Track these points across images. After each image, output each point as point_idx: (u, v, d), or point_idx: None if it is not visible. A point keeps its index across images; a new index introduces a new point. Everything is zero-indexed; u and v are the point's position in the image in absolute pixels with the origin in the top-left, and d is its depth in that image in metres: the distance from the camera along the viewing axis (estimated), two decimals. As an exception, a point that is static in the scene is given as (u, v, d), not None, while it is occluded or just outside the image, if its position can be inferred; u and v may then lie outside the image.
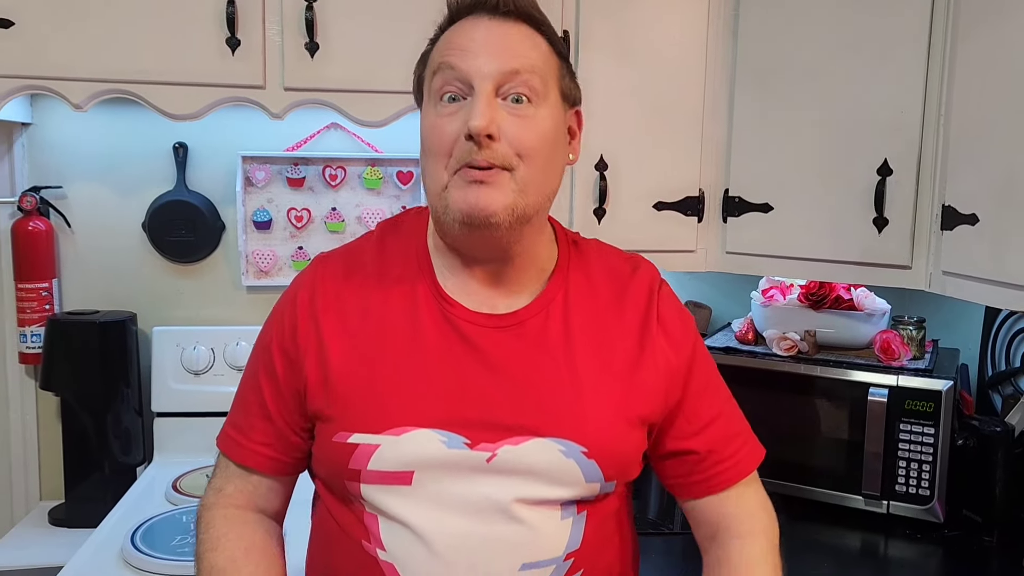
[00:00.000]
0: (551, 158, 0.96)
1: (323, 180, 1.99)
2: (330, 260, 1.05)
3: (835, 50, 1.57)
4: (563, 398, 0.95)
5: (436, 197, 0.94)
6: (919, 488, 1.60)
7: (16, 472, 1.92)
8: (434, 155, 0.93)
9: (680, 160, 1.74)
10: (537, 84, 0.93)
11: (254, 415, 1.02)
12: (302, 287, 1.02)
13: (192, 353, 1.90)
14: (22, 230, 1.84)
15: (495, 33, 0.94)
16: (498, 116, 0.90)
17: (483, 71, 0.91)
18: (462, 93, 0.92)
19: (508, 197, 0.91)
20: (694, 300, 2.12)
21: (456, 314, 0.97)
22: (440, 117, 0.93)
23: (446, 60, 0.93)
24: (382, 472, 0.93)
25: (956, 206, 1.42)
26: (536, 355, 0.96)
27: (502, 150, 0.90)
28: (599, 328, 1.00)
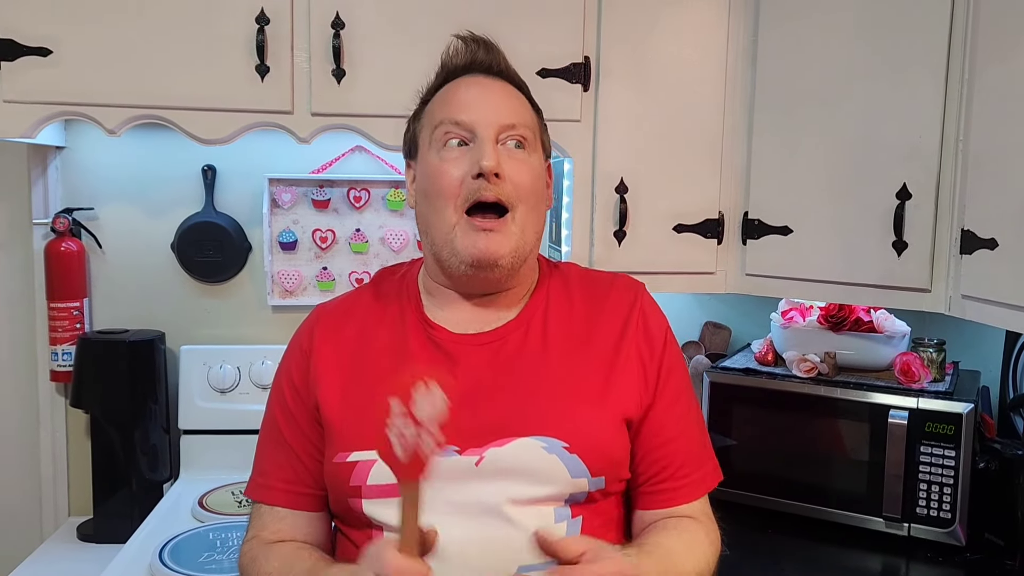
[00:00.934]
0: (540, 200, 1.08)
1: (348, 202, 2.03)
2: (328, 305, 1.16)
3: (853, 75, 1.59)
4: (542, 398, 1.01)
5: (442, 237, 1.03)
6: (940, 511, 1.60)
7: (46, 488, 1.96)
8: (442, 196, 1.02)
9: (700, 183, 1.76)
10: (529, 136, 1.06)
11: (275, 453, 1.09)
12: (303, 332, 1.13)
13: (219, 372, 1.94)
14: (55, 251, 1.89)
15: (492, 90, 1.07)
16: (501, 157, 1.02)
17: (487, 121, 1.03)
18: (465, 140, 1.03)
19: (512, 241, 1.02)
20: (713, 321, 2.13)
21: (440, 336, 1.06)
22: (445, 162, 1.03)
23: (449, 116, 1.04)
24: (381, 486, 0.98)
25: (975, 230, 1.43)
26: (517, 363, 1.04)
27: (506, 188, 1.01)
28: (577, 332, 1.07)
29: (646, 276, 1.73)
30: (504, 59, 1.11)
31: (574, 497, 1.00)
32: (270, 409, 1.12)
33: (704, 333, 2.13)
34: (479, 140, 1.02)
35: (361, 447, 1.00)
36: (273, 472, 1.08)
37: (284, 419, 1.09)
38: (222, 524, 1.66)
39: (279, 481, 1.08)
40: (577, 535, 0.99)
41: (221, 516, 1.70)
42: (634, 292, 1.13)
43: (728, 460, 1.77)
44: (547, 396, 1.02)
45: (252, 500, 1.11)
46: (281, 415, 1.09)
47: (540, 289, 1.11)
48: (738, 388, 1.79)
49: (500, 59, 1.10)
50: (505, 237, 1.01)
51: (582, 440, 1.00)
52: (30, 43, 1.53)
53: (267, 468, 1.09)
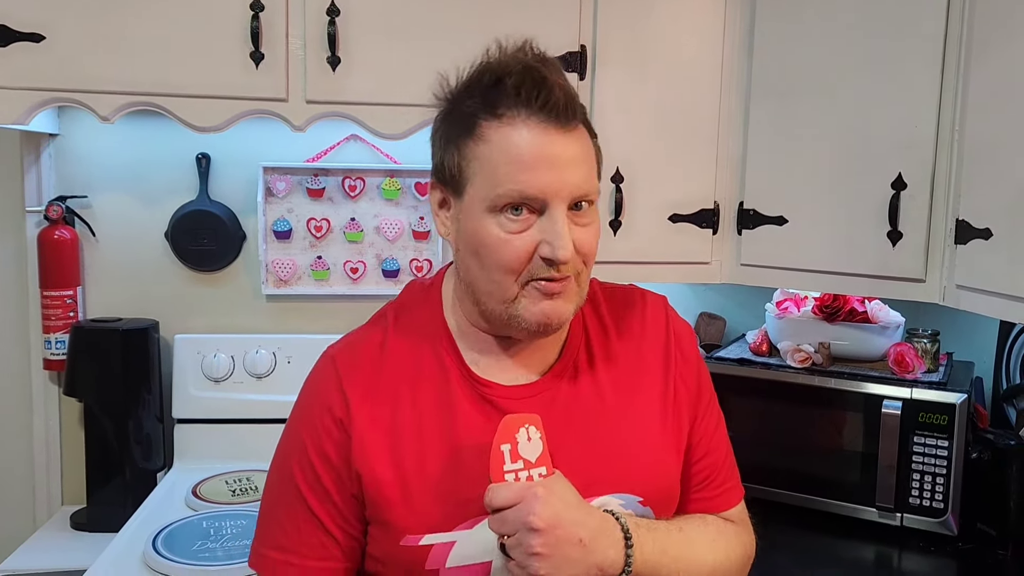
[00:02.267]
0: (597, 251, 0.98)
1: (342, 191, 2.02)
2: (347, 357, 1.00)
3: (849, 66, 1.59)
4: (608, 452, 0.98)
5: (501, 305, 0.93)
6: (933, 501, 1.61)
7: (39, 477, 1.95)
8: (504, 270, 0.91)
9: (695, 173, 1.76)
10: (593, 186, 0.94)
11: (305, 532, 0.96)
12: (327, 389, 0.97)
13: (212, 361, 1.93)
14: (48, 239, 1.88)
15: (566, 152, 0.90)
16: (570, 227, 0.90)
17: (561, 194, 0.89)
18: (529, 208, 0.90)
19: (574, 303, 0.94)
20: (708, 312, 2.14)
21: (492, 393, 0.97)
22: (508, 233, 0.90)
23: (517, 186, 0.88)
24: (461, 568, 0.93)
25: (970, 220, 1.44)
26: (574, 415, 0.98)
27: (575, 262, 0.92)
28: (625, 372, 1.02)
29: (641, 266, 1.76)
30: (573, 97, 0.92)
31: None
32: (290, 479, 0.97)
33: (699, 324, 2.13)
34: (550, 215, 0.89)
35: (434, 529, 0.92)
36: (298, 550, 0.96)
37: (313, 495, 0.96)
38: (216, 513, 1.66)
39: (306, 559, 0.96)
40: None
41: (215, 505, 1.70)
42: (663, 311, 1.08)
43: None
44: (612, 449, 0.98)
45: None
46: (309, 491, 0.96)
47: (576, 326, 1.03)
48: (733, 379, 1.79)
49: (572, 102, 0.91)
50: (568, 300, 0.93)
51: (656, 492, 0.99)
52: (23, 28, 1.52)
53: (288, 545, 0.96)
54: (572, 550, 0.86)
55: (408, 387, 0.97)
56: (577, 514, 0.88)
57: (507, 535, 0.87)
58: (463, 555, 0.92)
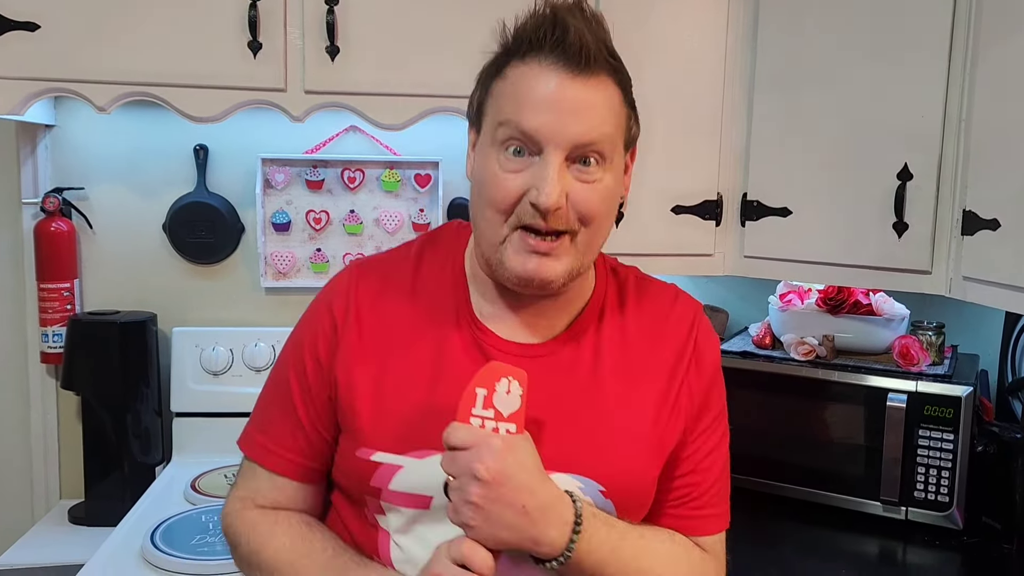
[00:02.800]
0: (610, 216, 0.95)
1: (342, 182, 2.00)
2: (367, 270, 1.03)
3: (854, 55, 1.57)
4: (588, 434, 0.95)
5: (491, 248, 0.92)
6: (938, 494, 1.59)
7: (37, 470, 1.94)
8: (493, 207, 0.90)
9: (698, 164, 1.74)
10: (607, 150, 0.90)
11: (284, 421, 1.01)
12: (338, 295, 1.01)
13: (211, 354, 1.92)
14: (44, 231, 1.86)
15: (574, 97, 0.88)
16: (566, 183, 0.88)
17: (557, 139, 0.87)
18: (529, 150, 0.89)
19: (567, 264, 0.91)
20: (711, 304, 2.12)
21: (488, 342, 0.97)
22: (503, 171, 0.89)
23: (515, 119, 0.88)
24: (403, 494, 0.94)
25: (977, 211, 1.42)
26: (566, 387, 0.96)
27: (567, 216, 0.89)
28: (631, 361, 0.99)
29: (643, 258, 1.73)
30: (600, 33, 0.91)
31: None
32: (284, 370, 1.02)
33: (701, 316, 2.12)
34: (544, 160, 0.87)
35: (387, 448, 0.93)
36: (280, 439, 1.01)
37: (299, 390, 1.00)
38: (215, 507, 1.65)
39: (286, 450, 1.00)
40: None
41: (214, 499, 1.69)
42: (692, 316, 1.03)
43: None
44: (593, 432, 0.95)
45: (249, 457, 1.03)
46: (297, 385, 1.00)
47: (595, 299, 1.01)
48: (735, 372, 1.77)
49: (593, 39, 0.88)
50: (558, 261, 0.90)
51: (621, 487, 0.95)
52: (17, 17, 1.50)
53: (273, 432, 1.01)
54: (510, 513, 0.83)
55: (410, 314, 0.98)
56: (529, 480, 0.84)
57: (453, 476, 0.85)
58: (407, 482, 0.93)
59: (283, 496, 1.02)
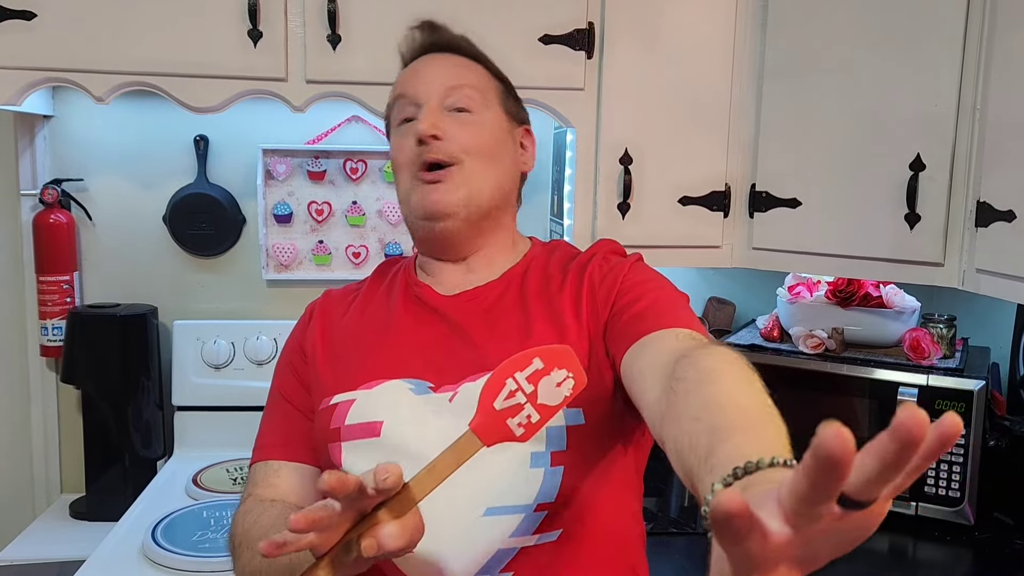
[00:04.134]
0: (496, 156, 1.07)
1: (344, 173, 1.98)
2: (334, 290, 1.18)
3: (866, 41, 1.54)
4: (517, 341, 0.98)
5: (405, 205, 1.07)
6: (949, 490, 1.57)
7: (37, 465, 1.92)
8: (399, 168, 1.06)
9: (706, 154, 1.71)
10: (476, 97, 1.06)
11: (272, 416, 1.09)
12: (311, 307, 1.16)
13: (212, 347, 1.90)
14: (43, 223, 1.84)
15: (436, 62, 1.10)
16: (442, 121, 1.03)
17: (427, 89, 1.05)
18: (415, 114, 1.05)
19: (460, 191, 1.02)
20: (717, 296, 2.10)
21: (424, 294, 1.07)
22: (399, 137, 1.06)
23: (398, 91, 1.08)
24: (357, 425, 0.97)
25: (991, 202, 1.39)
26: (493, 312, 1.04)
27: (446, 147, 1.02)
28: (550, 284, 1.05)
29: (650, 250, 1.69)
30: (453, 34, 1.13)
31: (553, 438, 0.93)
32: (273, 386, 1.12)
33: (708, 309, 2.09)
34: (422, 110, 1.04)
35: (342, 390, 1.00)
36: (269, 433, 1.08)
37: (288, 384, 1.09)
38: (216, 502, 1.63)
39: (273, 437, 1.07)
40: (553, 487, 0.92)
41: (215, 494, 1.67)
42: (604, 243, 1.11)
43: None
44: (522, 339, 0.98)
45: (250, 465, 1.09)
46: (286, 383, 1.09)
47: (526, 257, 1.11)
48: (743, 364, 1.75)
49: (447, 35, 1.12)
50: (451, 186, 1.02)
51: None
52: (13, 6, 1.48)
53: (264, 431, 1.09)
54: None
55: (367, 293, 1.12)
56: None
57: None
58: (359, 412, 0.98)
59: (279, 480, 1.04)
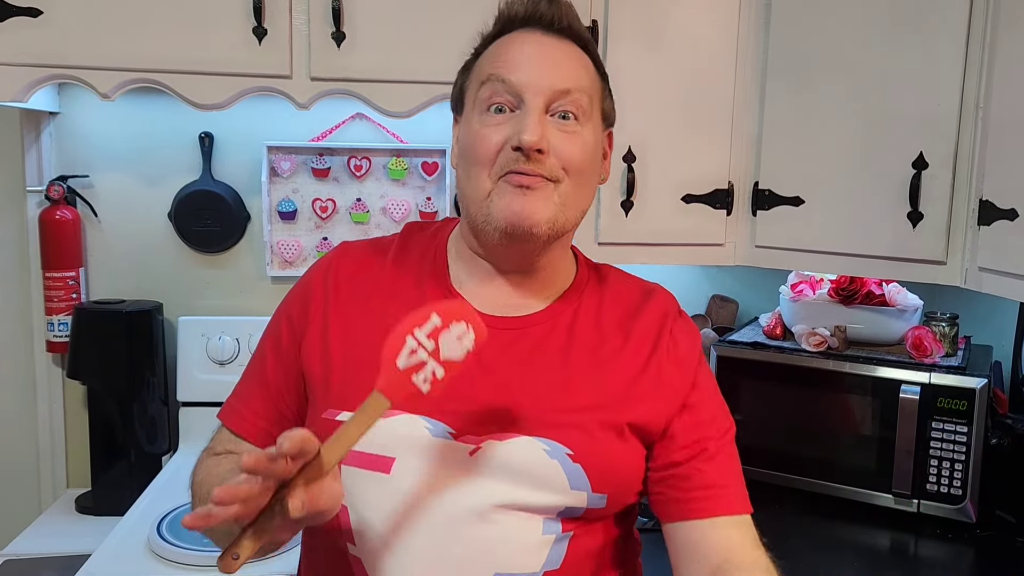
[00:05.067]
0: (591, 176, 0.97)
1: (348, 170, 1.98)
2: (351, 247, 1.06)
3: (870, 40, 1.54)
4: (553, 400, 0.93)
5: (478, 205, 0.93)
6: (951, 487, 1.58)
7: (43, 460, 1.94)
8: (478, 163, 0.92)
9: (710, 152, 1.72)
10: (585, 103, 0.94)
11: (254, 382, 1.03)
12: (319, 268, 1.04)
13: (217, 343, 1.91)
14: (49, 219, 1.85)
15: (548, 50, 0.94)
16: (548, 131, 0.91)
17: (536, 86, 0.91)
18: (511, 105, 0.92)
19: (551, 210, 0.92)
20: (720, 294, 2.10)
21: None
22: (486, 127, 0.93)
23: (497, 72, 0.93)
24: (367, 455, 0.91)
25: (994, 200, 1.39)
26: (533, 358, 0.95)
27: (549, 163, 0.91)
28: (603, 344, 0.98)
29: (653, 247, 1.73)
30: (571, 12, 0.98)
31: (569, 511, 0.92)
32: (262, 342, 1.05)
33: (711, 306, 2.10)
34: (525, 108, 0.91)
35: (353, 405, 0.90)
36: (247, 401, 1.03)
37: (272, 352, 1.02)
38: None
39: (249, 412, 1.02)
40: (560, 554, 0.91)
41: (220, 489, 1.68)
42: (666, 307, 1.03)
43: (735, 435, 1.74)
44: (559, 398, 0.93)
45: (219, 419, 1.05)
46: (271, 348, 1.02)
47: (575, 287, 1.02)
48: (746, 362, 1.76)
49: (565, 12, 0.97)
50: (543, 201, 0.91)
51: (589, 452, 0.91)
52: (20, 3, 1.48)
53: (243, 395, 1.04)
54: None
55: (387, 282, 1.00)
56: None
57: None
58: (371, 441, 0.87)
59: (238, 450, 1.00)
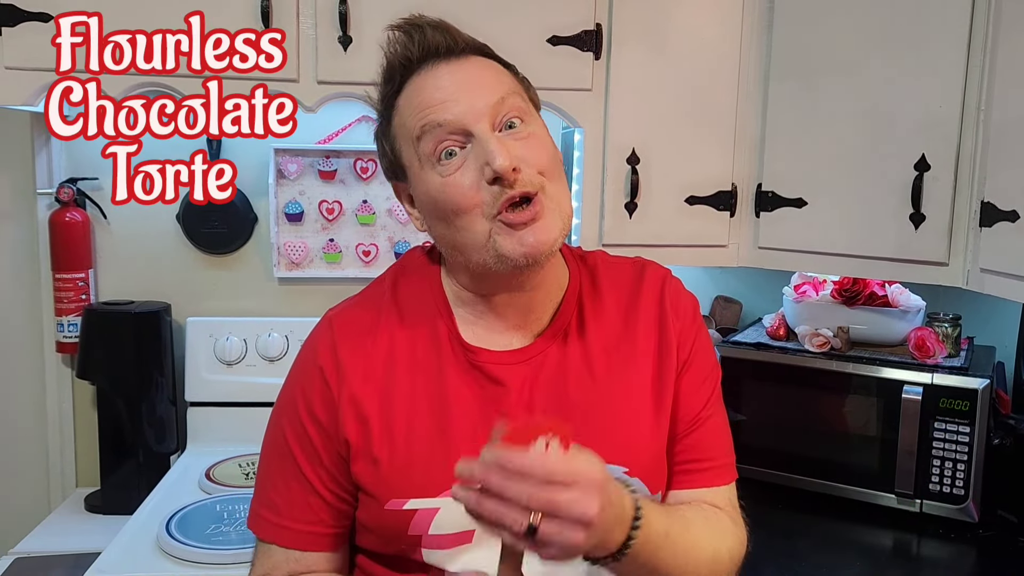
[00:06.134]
0: (560, 165, 0.96)
1: (354, 173, 2.00)
2: (345, 318, 1.00)
3: (872, 42, 1.55)
4: (594, 423, 0.94)
5: (481, 250, 0.90)
6: (953, 487, 1.58)
7: (53, 459, 1.96)
8: (461, 212, 0.89)
9: (713, 154, 1.73)
10: (520, 104, 0.93)
11: (294, 492, 0.97)
12: (321, 350, 0.97)
13: (225, 344, 1.92)
14: (59, 221, 1.87)
15: (461, 74, 0.92)
16: (508, 147, 0.88)
17: (473, 112, 0.89)
18: (459, 144, 0.90)
19: (556, 222, 0.91)
20: (724, 295, 2.11)
21: (480, 359, 0.96)
22: (448, 175, 0.89)
23: (428, 120, 0.90)
24: (444, 535, 0.91)
25: (996, 202, 1.40)
26: (562, 382, 0.96)
27: (526, 175, 0.89)
28: (617, 342, 0.99)
29: (657, 249, 1.73)
30: (454, 29, 0.95)
31: None
32: (282, 439, 0.98)
33: (715, 307, 2.11)
34: (476, 138, 0.88)
35: (419, 494, 0.91)
36: (288, 511, 0.97)
37: (306, 458, 0.96)
38: (229, 496, 1.66)
39: (295, 522, 0.97)
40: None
41: (228, 488, 1.70)
42: (661, 281, 1.04)
43: (739, 435, 1.72)
44: (599, 420, 0.94)
45: (262, 539, 0.99)
46: (301, 453, 0.96)
47: (571, 291, 1.01)
48: (749, 363, 1.77)
49: (452, 32, 0.95)
50: (548, 221, 0.89)
51: (642, 462, 0.95)
52: (31, 8, 1.50)
53: (279, 505, 0.97)
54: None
55: (401, 353, 0.97)
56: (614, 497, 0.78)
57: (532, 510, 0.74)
58: (446, 522, 0.91)
59: (301, 568, 0.98)
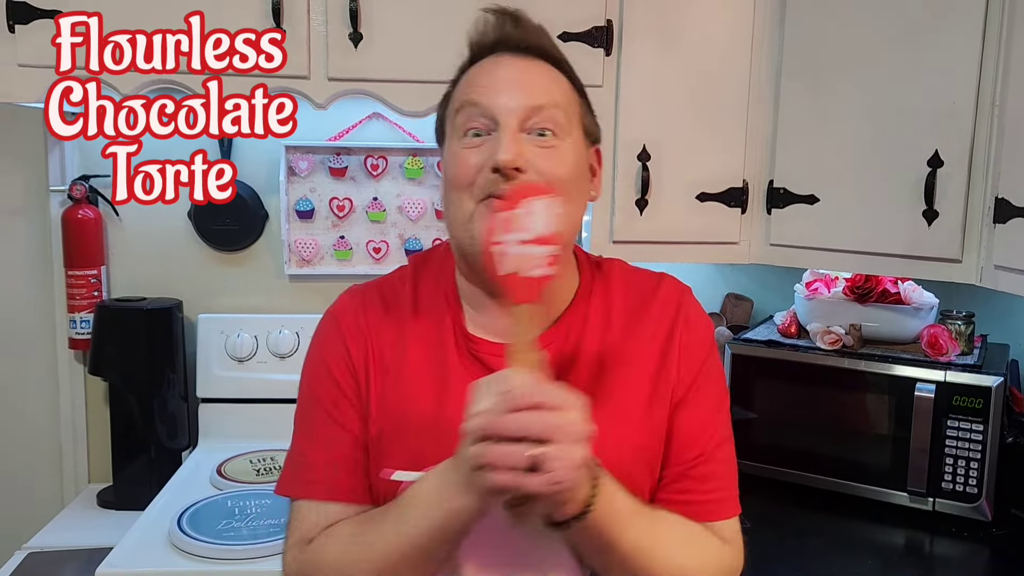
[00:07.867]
0: (576, 192, 0.96)
1: (365, 170, 2.00)
2: (366, 292, 1.04)
3: (885, 37, 1.54)
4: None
5: (461, 228, 0.93)
6: (966, 486, 1.57)
7: (66, 455, 1.97)
8: (459, 186, 0.93)
9: (724, 150, 1.72)
10: (561, 118, 0.94)
11: (328, 442, 0.97)
12: (344, 313, 1.02)
13: (236, 340, 1.93)
14: (72, 218, 1.88)
15: (518, 70, 0.95)
16: (524, 149, 0.90)
17: (508, 106, 0.92)
18: (486, 129, 0.93)
19: None
20: (735, 292, 2.10)
21: (480, 349, 0.97)
22: (464, 149, 0.93)
23: (469, 97, 0.94)
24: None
25: (1010, 198, 1.39)
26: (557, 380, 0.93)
27: (530, 180, 0.90)
28: (620, 347, 0.98)
29: (667, 246, 1.73)
30: (536, 32, 0.98)
31: None
32: (313, 397, 1.00)
33: (725, 305, 2.10)
34: (500, 128, 0.91)
35: (405, 467, 0.92)
36: (321, 462, 0.97)
37: (338, 401, 0.98)
38: (240, 492, 1.66)
39: (327, 469, 0.96)
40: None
41: (239, 484, 1.70)
42: (678, 298, 1.03)
43: (750, 433, 1.75)
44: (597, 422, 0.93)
45: (295, 497, 0.98)
46: (332, 399, 0.98)
47: (580, 297, 1.01)
48: (760, 360, 1.76)
49: (531, 33, 0.98)
50: None
51: (616, 462, 0.89)
52: (43, 5, 1.51)
53: (312, 459, 0.97)
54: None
55: (412, 334, 0.99)
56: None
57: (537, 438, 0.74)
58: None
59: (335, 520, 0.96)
